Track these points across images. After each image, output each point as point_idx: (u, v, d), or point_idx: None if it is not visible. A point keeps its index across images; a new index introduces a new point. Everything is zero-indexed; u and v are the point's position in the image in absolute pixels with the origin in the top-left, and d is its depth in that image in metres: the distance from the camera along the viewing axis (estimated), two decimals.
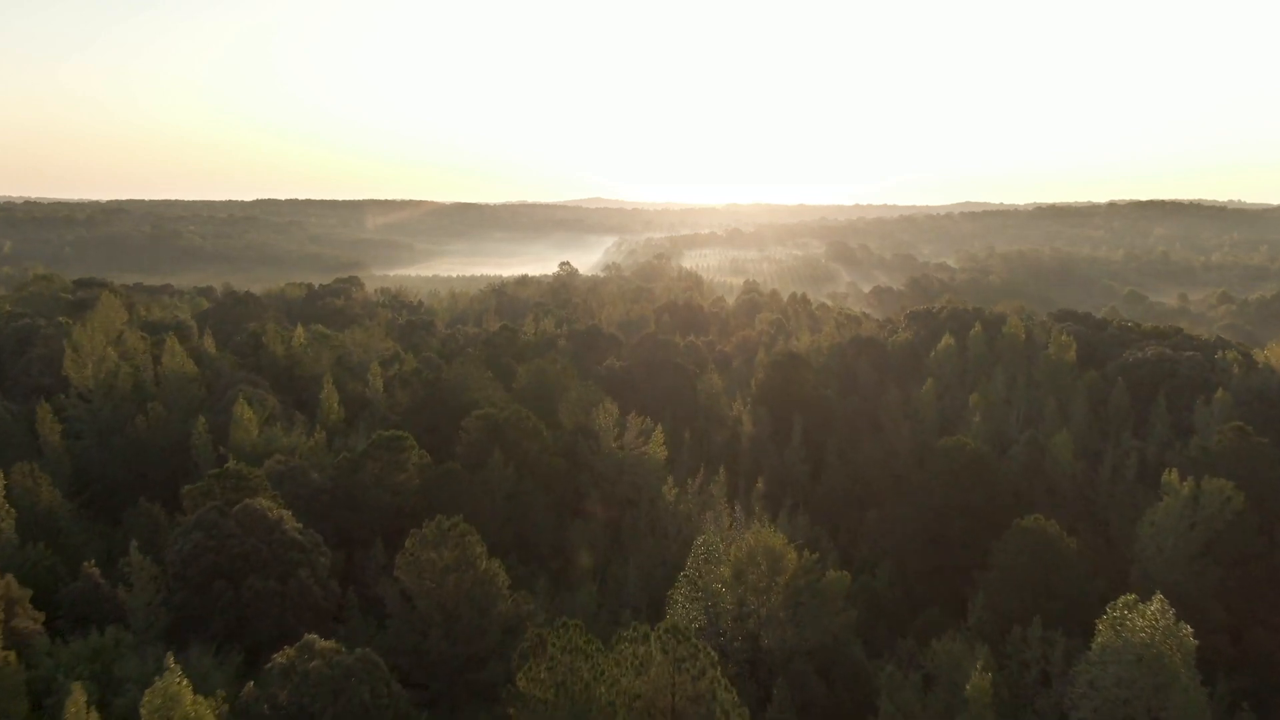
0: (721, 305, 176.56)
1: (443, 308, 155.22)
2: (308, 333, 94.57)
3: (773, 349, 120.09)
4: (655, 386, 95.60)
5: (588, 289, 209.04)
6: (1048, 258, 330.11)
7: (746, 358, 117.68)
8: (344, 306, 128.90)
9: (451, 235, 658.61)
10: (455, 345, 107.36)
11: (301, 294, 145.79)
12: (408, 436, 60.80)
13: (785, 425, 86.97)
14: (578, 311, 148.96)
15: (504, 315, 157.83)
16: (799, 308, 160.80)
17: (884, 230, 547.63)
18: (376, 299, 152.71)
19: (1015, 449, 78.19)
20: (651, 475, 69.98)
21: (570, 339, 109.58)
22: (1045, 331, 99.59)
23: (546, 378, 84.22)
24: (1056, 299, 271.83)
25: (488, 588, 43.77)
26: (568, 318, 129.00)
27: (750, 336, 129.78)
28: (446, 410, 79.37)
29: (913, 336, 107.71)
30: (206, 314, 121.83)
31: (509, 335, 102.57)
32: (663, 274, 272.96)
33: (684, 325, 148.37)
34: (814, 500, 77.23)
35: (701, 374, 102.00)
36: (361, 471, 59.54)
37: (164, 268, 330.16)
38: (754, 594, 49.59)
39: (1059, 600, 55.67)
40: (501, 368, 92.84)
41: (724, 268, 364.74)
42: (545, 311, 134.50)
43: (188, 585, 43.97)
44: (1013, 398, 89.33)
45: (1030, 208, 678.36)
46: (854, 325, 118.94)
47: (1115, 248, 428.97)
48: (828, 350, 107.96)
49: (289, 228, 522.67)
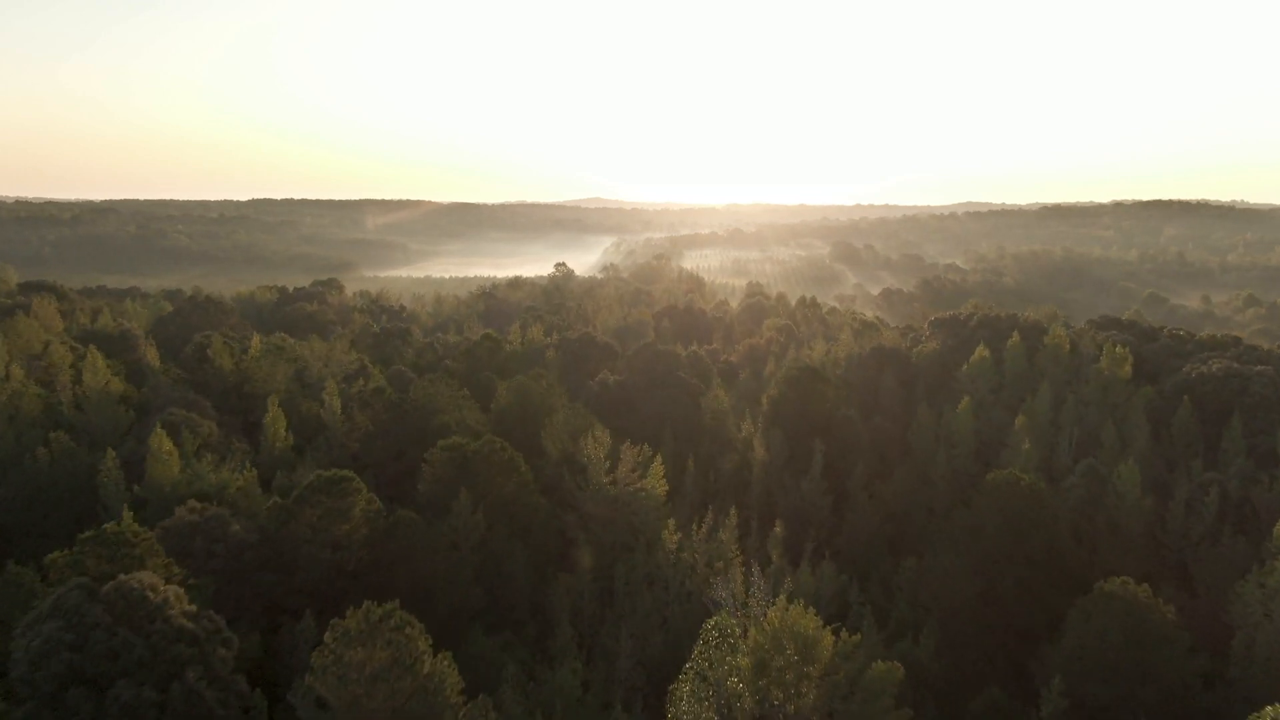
0: (725, 310, 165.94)
1: (426, 313, 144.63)
2: (265, 343, 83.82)
3: (784, 359, 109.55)
4: (654, 404, 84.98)
5: (583, 291, 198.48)
6: (1060, 258, 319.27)
7: (754, 369, 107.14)
8: (315, 312, 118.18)
9: (448, 235, 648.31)
10: (432, 357, 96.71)
11: (273, 298, 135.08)
12: (353, 478, 50.07)
13: (803, 450, 76.32)
14: (571, 317, 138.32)
15: (492, 321, 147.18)
16: (808, 312, 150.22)
17: (888, 230, 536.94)
18: (354, 303, 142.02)
19: (1070, 481, 67.59)
20: (650, 515, 59.38)
21: (560, 349, 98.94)
22: (1093, 342, 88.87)
23: (530, 397, 73.54)
24: (1072, 301, 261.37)
25: (432, 698, 33.09)
26: (559, 324, 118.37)
27: (758, 344, 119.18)
28: (413, 435, 68.78)
29: (940, 347, 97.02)
30: (162, 321, 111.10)
31: (491, 346, 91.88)
32: (662, 275, 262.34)
33: (685, 332, 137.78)
34: (839, 542, 66.59)
35: (706, 389, 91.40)
36: (295, 521, 48.83)
37: (146, 268, 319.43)
38: (780, 689, 38.96)
39: (1154, 685, 45.11)
40: (480, 384, 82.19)
41: (725, 269, 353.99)
42: (535, 317, 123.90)
43: (36, 695, 33.26)
44: (1060, 419, 78.69)
45: (1035, 207, 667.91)
46: (872, 333, 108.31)
47: (1126, 248, 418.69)
48: (846, 362, 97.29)
49: (280, 227, 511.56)
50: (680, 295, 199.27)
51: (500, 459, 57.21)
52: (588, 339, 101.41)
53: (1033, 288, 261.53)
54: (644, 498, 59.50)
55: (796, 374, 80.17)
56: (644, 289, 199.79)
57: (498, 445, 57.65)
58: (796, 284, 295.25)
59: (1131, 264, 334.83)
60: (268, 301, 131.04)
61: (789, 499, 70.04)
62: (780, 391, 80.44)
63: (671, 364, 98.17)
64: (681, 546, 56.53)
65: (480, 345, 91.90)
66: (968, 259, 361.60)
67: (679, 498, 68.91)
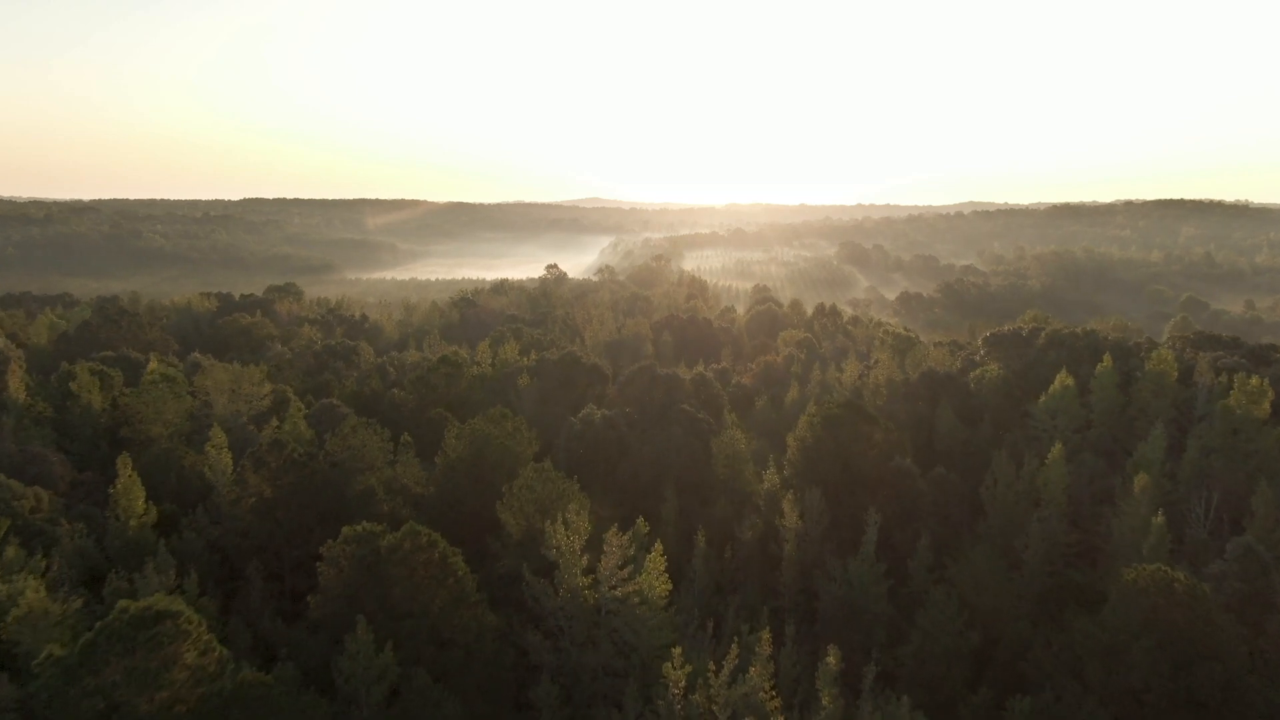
0: (732, 319, 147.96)
1: (393, 322, 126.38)
2: (154, 374, 65.80)
3: (807, 382, 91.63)
4: (652, 448, 67.02)
5: (574, 297, 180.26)
6: (1083, 260, 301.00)
7: (773, 395, 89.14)
8: (252, 326, 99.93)
9: (441, 235, 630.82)
10: (378, 385, 78.66)
11: (213, 306, 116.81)
12: (182, 612, 32.03)
13: (846, 515, 58.53)
14: (557, 328, 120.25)
15: (468, 332, 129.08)
16: (828, 322, 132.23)
17: (895, 230, 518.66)
18: (308, 312, 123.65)
19: (1218, 567, 49.60)
20: (645, 637, 41.45)
21: (539, 372, 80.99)
22: (1210, 368, 70.90)
23: (489, 449, 55.54)
24: (1103, 306, 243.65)
25: None
26: (540, 339, 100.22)
27: (774, 363, 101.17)
28: (328, 506, 50.86)
29: (1003, 370, 79.01)
30: (65, 339, 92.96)
31: (450, 372, 73.80)
32: (661, 278, 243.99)
33: (688, 345, 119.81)
34: (904, 654, 48.56)
35: (716, 425, 73.64)
36: (94, 675, 30.87)
37: (114, 270, 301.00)
38: None
39: None
40: (430, 426, 64.28)
41: (728, 270, 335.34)
42: (513, 330, 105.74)
43: None
44: (1180, 472, 60.76)
45: (1042, 207, 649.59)
46: (914, 351, 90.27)
47: (1145, 248, 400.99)
48: (887, 390, 79.35)
49: (265, 227, 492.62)
50: (681, 301, 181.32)
51: (425, 560, 39.21)
52: (571, 360, 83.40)
53: (1058, 291, 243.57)
54: (638, 610, 41.51)
55: (836, 414, 62.12)
56: (641, 294, 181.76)
57: (423, 539, 39.61)
58: (805, 287, 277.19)
59: (1157, 265, 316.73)
60: (205, 311, 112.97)
61: (834, 589, 52.02)
62: (814, 434, 62.44)
63: (673, 391, 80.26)
64: (693, 685, 38.60)
65: (436, 371, 73.85)
66: (984, 260, 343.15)
67: (685, 587, 51.01)
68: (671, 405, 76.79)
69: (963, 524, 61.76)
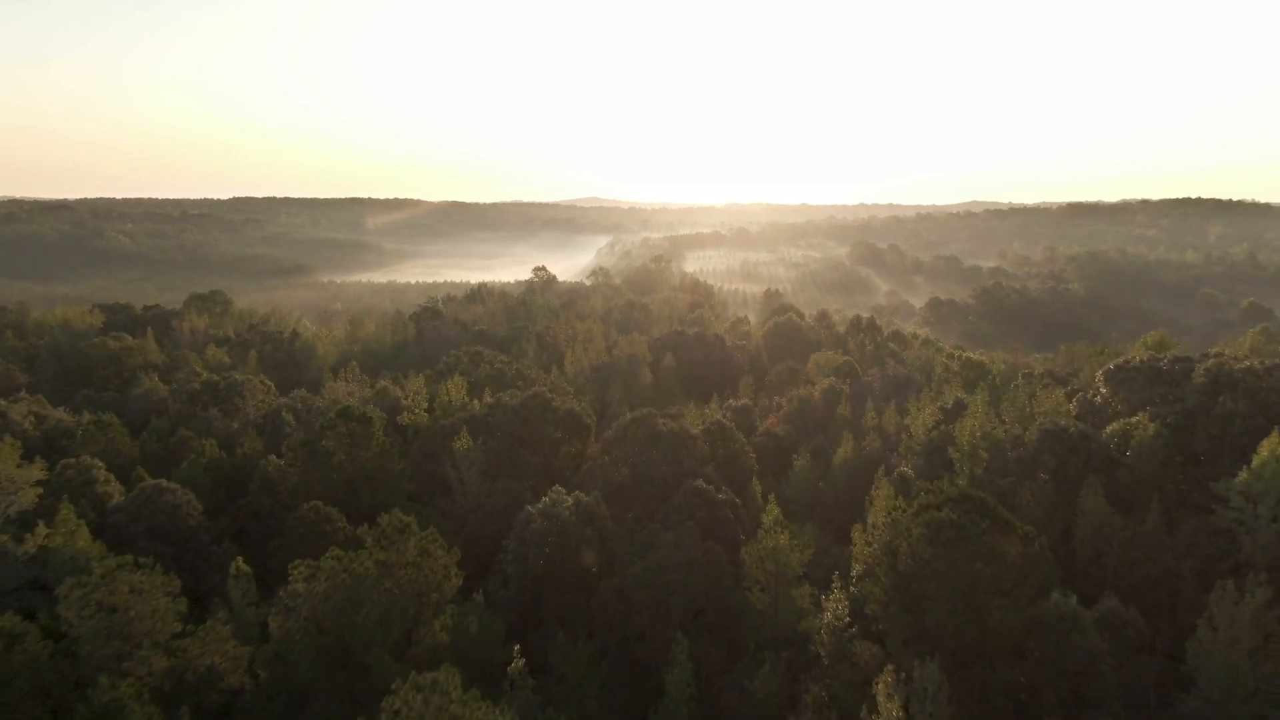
0: (746, 331, 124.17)
1: (331, 341, 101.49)
2: None
3: (862, 431, 67.86)
4: (652, 560, 43.20)
5: (561, 305, 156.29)
6: (1120, 261, 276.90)
7: (815, 447, 65.19)
8: (124, 352, 75.73)
9: (432, 235, 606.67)
10: (256, 447, 54.61)
11: (98, 322, 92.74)
12: None
13: (975, 696, 34.91)
14: (532, 349, 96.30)
15: (427, 352, 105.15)
16: (865, 339, 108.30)
17: (905, 230, 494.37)
18: (226, 329, 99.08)
19: None
20: None
21: (491, 427, 57.23)
22: None
23: (365, 603, 31.73)
24: (1154, 312, 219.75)
25: None
26: (504, 371, 76.13)
27: (810, 399, 77.27)
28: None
29: (1151, 424, 54.97)
30: None
31: (352, 431, 49.86)
32: (661, 281, 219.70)
33: (695, 370, 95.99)
34: None
35: (743, 503, 50.16)
36: None
37: (66, 272, 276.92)
38: None
39: None
40: (304, 531, 40.53)
41: (733, 272, 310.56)
42: (473, 355, 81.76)
43: None
44: None
45: (1055, 206, 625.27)
46: (1012, 390, 66.32)
47: (1174, 248, 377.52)
48: (991, 453, 55.41)
49: (245, 226, 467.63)
50: (684, 309, 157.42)
51: None
52: (539, 406, 59.54)
53: (1101, 296, 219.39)
54: None
55: (948, 518, 38.25)
56: (638, 301, 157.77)
57: None
58: (819, 290, 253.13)
59: (1197, 266, 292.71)
60: (85, 329, 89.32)
61: None
62: (913, 553, 38.61)
63: (680, 452, 56.50)
64: None
65: (333, 431, 49.92)
66: (1009, 261, 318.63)
67: None
68: (679, 477, 53.02)
69: (1156, 700, 37.96)
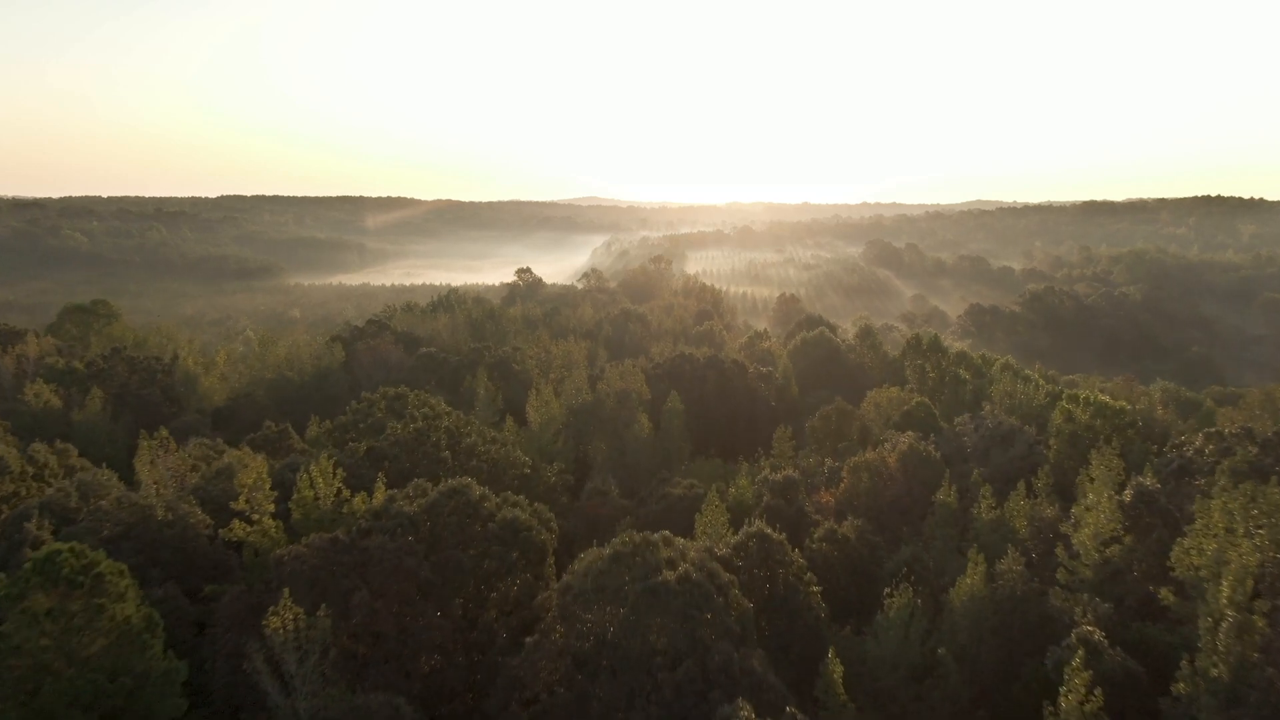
0: (768, 354, 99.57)
1: (220, 372, 75.16)
2: None
3: (981, 532, 43.50)
4: None
5: (545, 312, 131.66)
6: (1168, 263, 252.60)
7: (912, 563, 40.62)
8: None
9: (423, 235, 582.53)
10: None
11: None
12: None
13: None
14: (483, 391, 71.51)
15: (355, 383, 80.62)
16: (927, 363, 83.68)
17: (916, 229, 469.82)
18: (88, 353, 74.05)
19: None
20: None
21: (370, 561, 32.63)
22: None
23: None
24: (1216, 320, 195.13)
25: None
26: (423, 433, 51.55)
27: (883, 468, 52.57)
28: None
29: None
30: None
31: (76, 607, 25.41)
32: (661, 285, 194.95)
33: (709, 413, 71.31)
34: None
35: None
36: None
37: (8, 274, 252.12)
38: None
39: None
40: None
41: (739, 273, 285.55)
42: (394, 404, 57.03)
43: None
44: None
45: (1072, 204, 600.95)
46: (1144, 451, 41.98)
47: (1209, 248, 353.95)
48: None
49: (220, 225, 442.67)
50: (690, 320, 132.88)
51: None
52: (464, 511, 34.94)
53: (1159, 301, 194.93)
54: None
55: None
56: (634, 310, 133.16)
57: None
58: (837, 295, 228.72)
59: (1245, 268, 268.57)
60: None
61: None
62: None
63: (696, 612, 31.90)
64: None
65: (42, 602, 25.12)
66: (1041, 261, 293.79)
67: None
68: (698, 670, 28.55)
69: None
